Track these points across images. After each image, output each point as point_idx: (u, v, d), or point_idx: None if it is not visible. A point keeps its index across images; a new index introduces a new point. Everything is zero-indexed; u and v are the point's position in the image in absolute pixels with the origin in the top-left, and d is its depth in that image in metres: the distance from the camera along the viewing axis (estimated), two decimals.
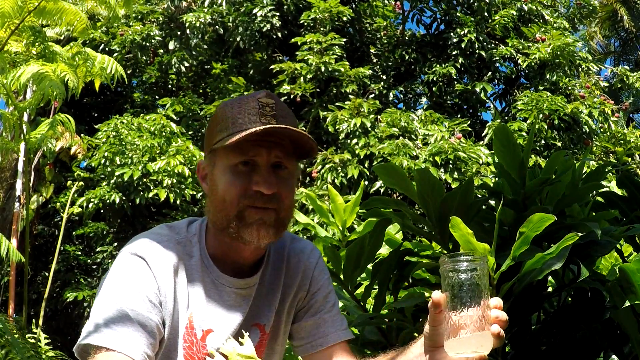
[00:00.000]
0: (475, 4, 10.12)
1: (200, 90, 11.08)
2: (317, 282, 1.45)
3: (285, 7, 9.79)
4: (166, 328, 1.27)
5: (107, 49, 9.66)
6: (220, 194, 1.29)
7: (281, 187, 1.29)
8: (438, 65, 9.81)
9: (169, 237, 1.34)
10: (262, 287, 1.39)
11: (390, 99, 10.17)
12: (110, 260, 9.18)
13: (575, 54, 9.94)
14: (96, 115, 11.13)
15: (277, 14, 9.62)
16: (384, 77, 10.30)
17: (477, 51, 9.80)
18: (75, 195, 8.68)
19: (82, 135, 9.27)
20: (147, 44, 9.89)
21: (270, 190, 1.26)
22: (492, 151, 6.77)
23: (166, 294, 1.27)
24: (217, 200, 1.30)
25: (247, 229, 1.27)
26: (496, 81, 10.63)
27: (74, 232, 9.69)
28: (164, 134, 8.75)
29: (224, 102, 1.36)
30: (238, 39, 9.72)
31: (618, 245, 1.79)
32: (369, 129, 8.49)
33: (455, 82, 9.95)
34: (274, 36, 9.69)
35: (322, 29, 9.29)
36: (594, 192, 1.90)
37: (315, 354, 1.42)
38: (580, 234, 1.38)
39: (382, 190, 7.79)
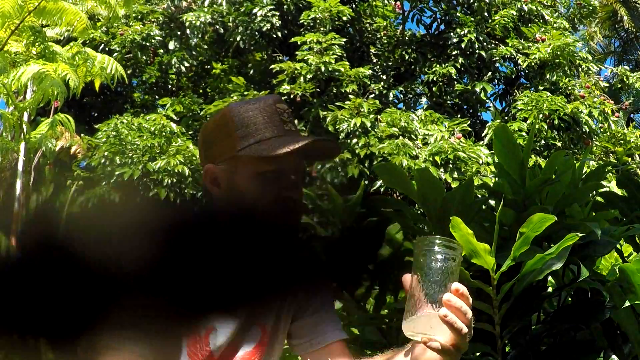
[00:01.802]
0: (475, 4, 10.12)
1: (200, 90, 11.07)
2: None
3: (285, 6, 9.79)
4: None
5: (107, 49, 9.65)
6: (248, 201, 1.31)
7: (303, 191, 1.36)
8: (438, 65, 9.80)
9: None
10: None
11: (390, 99, 10.17)
12: None
13: (575, 54, 9.94)
14: (96, 115, 11.12)
15: (277, 13, 9.61)
16: (384, 77, 10.29)
17: (477, 51, 9.80)
18: (75, 194, 8.68)
19: (82, 135, 9.27)
20: (147, 44, 9.89)
21: (299, 195, 1.32)
22: (492, 151, 6.78)
23: None
24: (245, 207, 1.32)
25: None
26: (496, 81, 10.63)
27: None
28: (164, 134, 8.75)
29: (236, 104, 1.35)
30: (238, 38, 9.72)
31: (618, 245, 1.79)
32: (369, 128, 8.48)
33: (455, 82, 9.95)
34: (274, 36, 9.68)
35: (322, 28, 9.28)
36: (594, 192, 1.90)
37: (314, 352, 1.43)
38: (580, 234, 1.39)
39: (382, 190, 7.79)
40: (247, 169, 1.30)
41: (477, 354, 1.66)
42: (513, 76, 10.41)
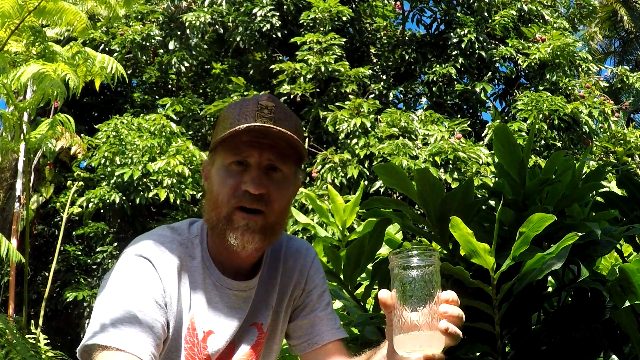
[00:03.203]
0: (475, 4, 10.12)
1: (200, 90, 11.08)
2: (312, 280, 1.47)
3: (285, 7, 9.79)
4: (170, 329, 1.28)
5: (107, 49, 9.66)
6: (214, 192, 1.31)
7: (272, 189, 1.29)
8: (438, 65, 9.81)
9: (172, 239, 1.34)
10: (260, 287, 1.40)
11: (390, 99, 10.17)
12: (110, 260, 9.18)
13: (575, 54, 9.94)
14: (96, 115, 11.13)
15: (277, 13, 9.62)
16: (384, 77, 10.30)
17: (477, 51, 9.81)
18: (75, 195, 8.68)
19: (82, 135, 9.28)
20: (147, 44, 9.89)
21: (258, 190, 1.26)
22: (492, 151, 6.77)
23: (171, 296, 1.28)
24: (211, 198, 1.32)
25: (232, 232, 1.28)
26: (496, 81, 10.63)
27: (74, 232, 9.69)
28: (164, 134, 8.75)
29: (230, 104, 1.37)
30: (238, 38, 9.72)
31: (618, 245, 1.78)
32: (369, 129, 8.48)
33: (455, 82, 9.95)
34: (274, 36, 9.69)
35: (322, 28, 9.29)
36: (594, 192, 1.90)
37: (311, 352, 1.44)
38: (580, 234, 1.38)
39: (382, 190, 7.79)
40: (218, 162, 1.31)
41: (477, 354, 1.66)
42: (513, 76, 10.41)
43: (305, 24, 9.46)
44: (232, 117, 1.29)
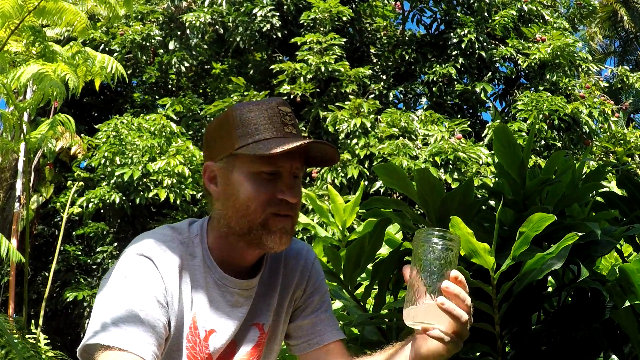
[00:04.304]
0: (475, 4, 10.13)
1: (200, 90, 11.09)
2: (313, 282, 1.48)
3: (285, 7, 9.79)
4: (171, 328, 1.28)
5: (107, 49, 9.66)
6: (242, 200, 1.29)
7: (298, 195, 1.34)
8: (438, 66, 9.81)
9: (173, 238, 1.34)
10: (260, 288, 1.41)
11: (390, 99, 10.18)
12: (110, 260, 9.18)
13: (575, 54, 9.94)
14: (96, 115, 11.14)
15: (277, 14, 9.62)
16: (384, 77, 10.30)
17: (477, 51, 9.81)
18: (75, 195, 8.68)
19: (82, 135, 9.28)
20: (147, 44, 9.90)
21: (295, 199, 1.31)
22: (492, 151, 6.77)
23: (172, 295, 1.28)
24: (238, 205, 1.30)
25: (270, 236, 1.29)
26: (496, 81, 10.64)
27: (74, 232, 9.69)
28: (164, 134, 8.76)
29: (239, 104, 1.35)
30: (238, 39, 9.73)
31: (618, 245, 1.78)
32: (369, 129, 8.49)
33: (455, 82, 9.95)
34: (274, 36, 9.69)
35: (322, 29, 9.29)
36: (594, 192, 1.90)
37: (311, 352, 1.44)
38: (580, 234, 1.38)
39: (382, 190, 7.79)
40: (243, 168, 1.30)
41: (477, 354, 1.66)
42: (513, 76, 10.41)
43: (305, 24, 9.46)
44: (254, 122, 1.29)
